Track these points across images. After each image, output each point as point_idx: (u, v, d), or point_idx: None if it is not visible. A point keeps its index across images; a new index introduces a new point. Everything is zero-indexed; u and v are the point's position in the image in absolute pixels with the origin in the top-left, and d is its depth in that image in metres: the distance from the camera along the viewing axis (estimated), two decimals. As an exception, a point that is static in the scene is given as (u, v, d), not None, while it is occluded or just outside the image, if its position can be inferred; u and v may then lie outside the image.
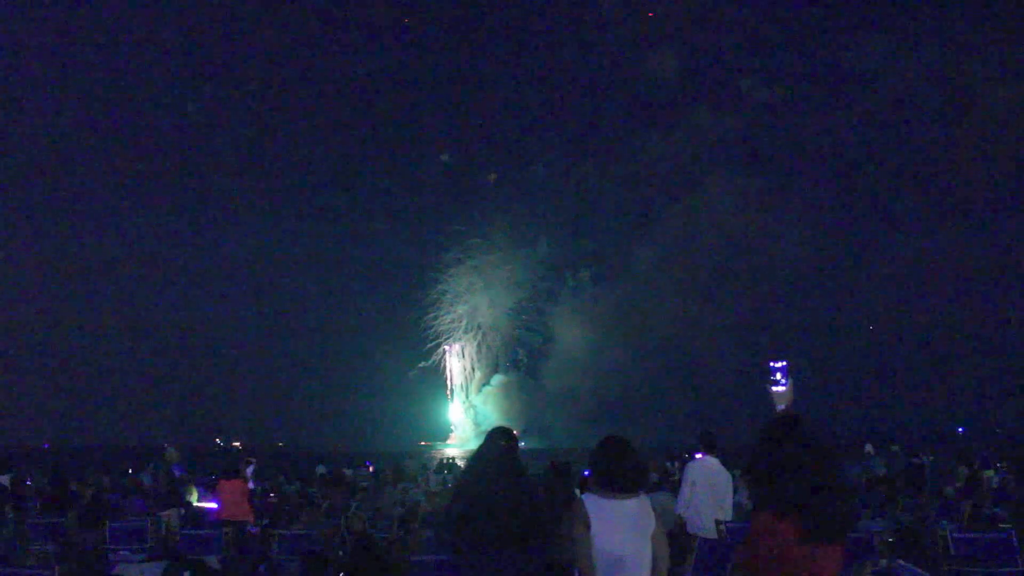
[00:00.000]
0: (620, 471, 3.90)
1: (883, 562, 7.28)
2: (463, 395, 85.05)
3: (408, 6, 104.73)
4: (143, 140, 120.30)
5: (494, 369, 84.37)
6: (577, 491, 12.04)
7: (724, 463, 8.06)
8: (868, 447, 18.73)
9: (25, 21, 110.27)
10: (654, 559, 3.83)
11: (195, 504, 12.73)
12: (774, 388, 74.77)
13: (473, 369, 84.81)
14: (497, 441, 3.91)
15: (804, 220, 72.25)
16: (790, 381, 73.84)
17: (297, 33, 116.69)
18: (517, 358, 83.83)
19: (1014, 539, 7.31)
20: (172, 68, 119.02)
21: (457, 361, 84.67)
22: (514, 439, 3.97)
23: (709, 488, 7.65)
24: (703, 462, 7.95)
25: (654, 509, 3.96)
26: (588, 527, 3.78)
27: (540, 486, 10.39)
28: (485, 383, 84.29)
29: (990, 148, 67.70)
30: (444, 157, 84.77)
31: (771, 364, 74.14)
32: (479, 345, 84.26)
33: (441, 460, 25.97)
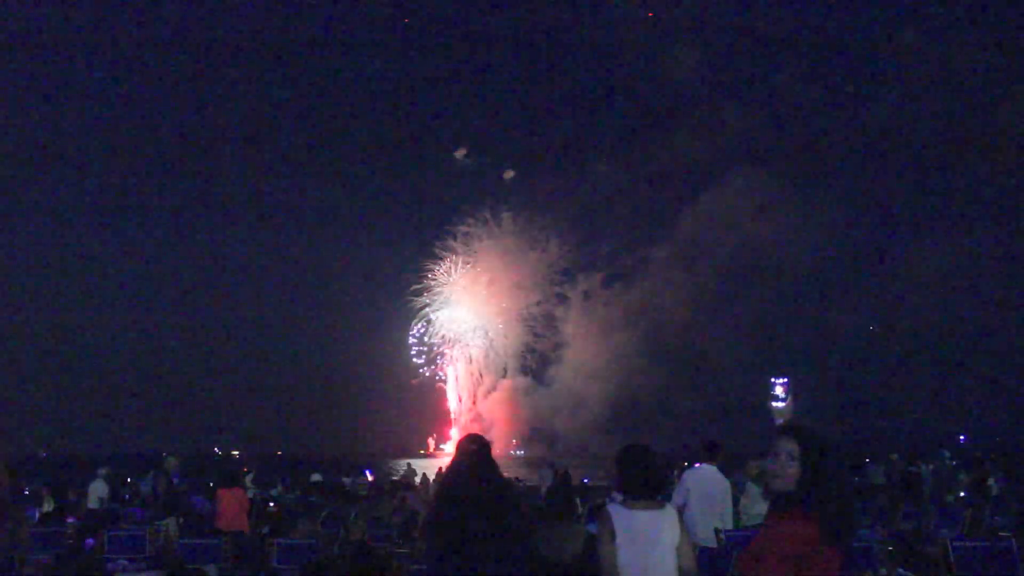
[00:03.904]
0: (639, 479, 3.95)
1: (883, 571, 7.28)
2: (470, 401, 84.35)
3: (424, 4, 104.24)
4: (143, 148, 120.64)
5: (502, 374, 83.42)
6: (578, 500, 12.05)
7: (724, 471, 8.05)
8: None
9: (25, 21, 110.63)
10: (680, 571, 3.86)
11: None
12: (774, 404, 74.90)
13: (480, 375, 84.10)
14: (468, 447, 3.99)
15: (815, 223, 72.19)
16: (790, 397, 74.01)
17: (300, 32, 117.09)
18: (526, 363, 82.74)
19: (1015, 547, 7.30)
20: (173, 67, 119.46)
21: (464, 367, 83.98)
22: (485, 444, 4.05)
23: (704, 496, 7.64)
24: (700, 470, 7.95)
25: (681, 520, 4.01)
26: (613, 538, 3.82)
27: (514, 486, 10.37)
28: (492, 389, 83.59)
29: (1009, 150, 67.28)
30: (459, 154, 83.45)
31: (772, 380, 74.32)
32: (487, 350, 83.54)
33: (440, 470, 25.89)
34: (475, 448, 3.98)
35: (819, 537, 2.67)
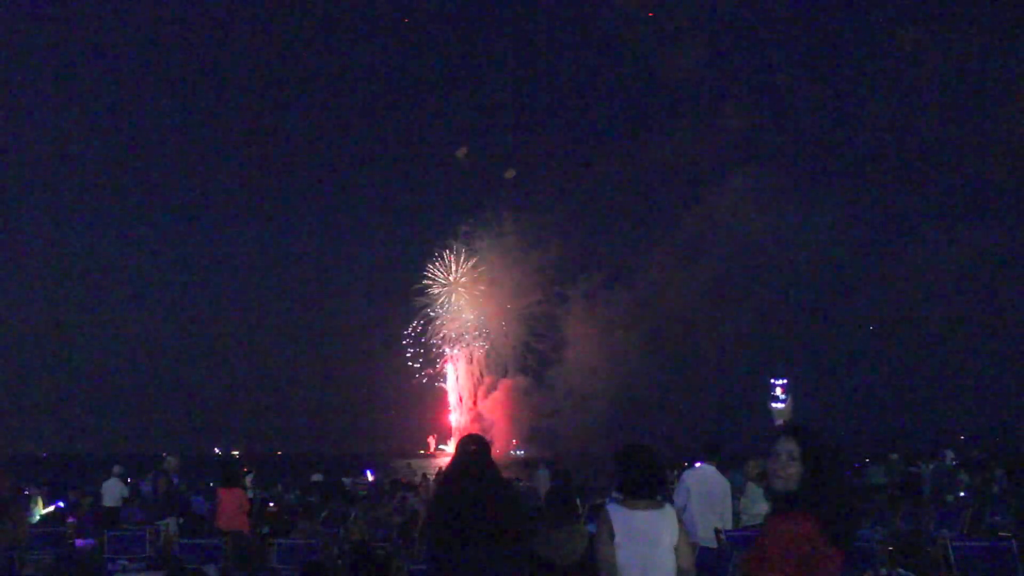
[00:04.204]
0: (639, 478, 3.93)
1: (883, 571, 7.27)
2: (470, 402, 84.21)
3: (425, 3, 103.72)
4: (145, 148, 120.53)
5: (503, 374, 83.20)
6: (578, 500, 12.03)
7: (721, 471, 8.04)
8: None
9: (25, 22, 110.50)
10: (678, 570, 3.86)
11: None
12: (773, 404, 74.84)
13: (481, 375, 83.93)
14: (467, 447, 3.99)
15: (816, 223, 72.09)
16: (789, 398, 74.04)
17: (299, 32, 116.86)
18: (526, 363, 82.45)
19: (1015, 547, 7.30)
20: (175, 67, 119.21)
21: (465, 367, 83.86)
22: (484, 444, 4.06)
23: (705, 496, 7.63)
24: (700, 470, 7.94)
25: (680, 520, 3.99)
26: (612, 537, 3.81)
27: (515, 486, 10.35)
28: (493, 388, 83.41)
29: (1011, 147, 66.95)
30: (460, 153, 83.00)
31: (772, 381, 74.25)
32: (488, 351, 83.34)
33: (440, 469, 25.89)
34: (475, 448, 3.98)
35: (821, 537, 2.69)
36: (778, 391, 72.51)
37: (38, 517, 13.12)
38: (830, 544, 2.70)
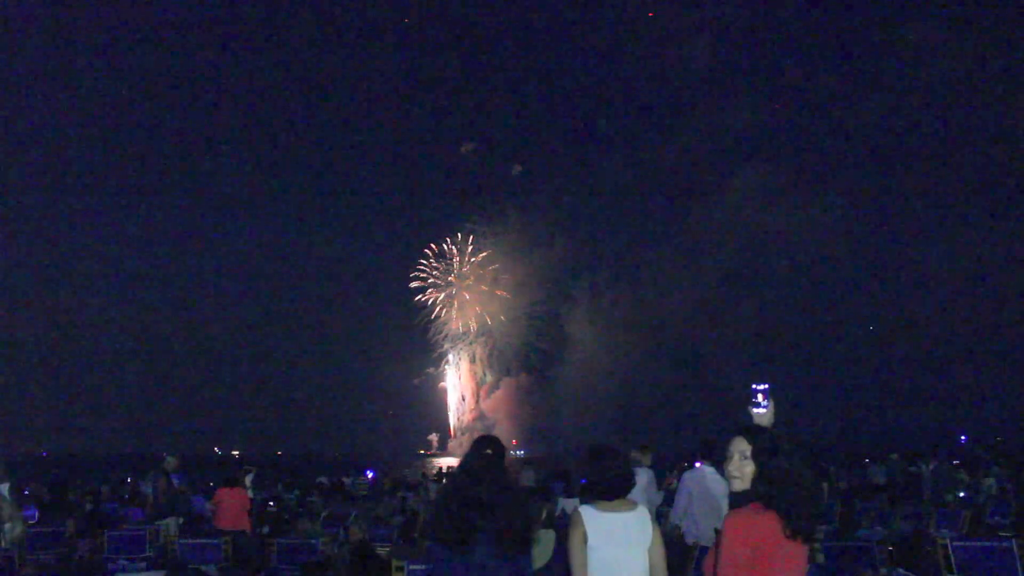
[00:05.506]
0: (610, 480, 3.91)
1: (883, 571, 7.27)
2: (472, 401, 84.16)
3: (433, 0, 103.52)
4: (145, 147, 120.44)
5: (506, 373, 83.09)
6: (576, 500, 12.05)
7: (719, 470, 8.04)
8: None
9: (26, 22, 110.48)
10: (651, 570, 3.84)
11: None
12: (754, 410, 74.50)
13: (484, 374, 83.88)
14: (482, 450, 3.94)
15: (818, 224, 72.15)
16: (771, 403, 74.13)
17: (306, 30, 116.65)
18: (529, 362, 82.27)
19: (1015, 548, 7.29)
20: (177, 63, 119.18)
21: (467, 365, 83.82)
22: (500, 447, 4.01)
23: (705, 496, 7.64)
24: (700, 471, 7.94)
25: (653, 521, 3.98)
26: (585, 540, 3.79)
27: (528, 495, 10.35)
28: (495, 387, 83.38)
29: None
30: (466, 148, 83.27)
31: (753, 386, 74.12)
32: (491, 350, 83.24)
33: (440, 469, 25.95)
34: (490, 452, 3.93)
35: (780, 529, 2.71)
36: (759, 397, 72.70)
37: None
38: (790, 538, 2.71)
